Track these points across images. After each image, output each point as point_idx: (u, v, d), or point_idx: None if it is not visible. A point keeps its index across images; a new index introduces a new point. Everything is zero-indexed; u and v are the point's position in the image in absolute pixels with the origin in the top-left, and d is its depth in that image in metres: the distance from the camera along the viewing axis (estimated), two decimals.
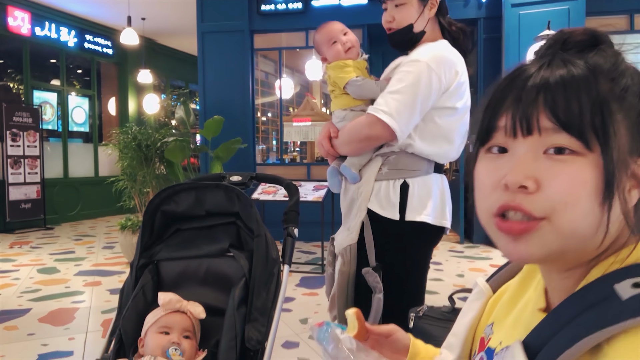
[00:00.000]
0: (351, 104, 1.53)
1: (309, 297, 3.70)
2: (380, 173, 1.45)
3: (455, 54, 1.46)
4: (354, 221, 1.46)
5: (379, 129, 1.37)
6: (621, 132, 0.45)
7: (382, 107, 1.37)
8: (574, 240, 0.46)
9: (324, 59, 1.62)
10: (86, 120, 8.85)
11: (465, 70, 1.47)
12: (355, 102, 1.53)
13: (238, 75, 6.26)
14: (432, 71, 1.37)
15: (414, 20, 1.47)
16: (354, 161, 1.49)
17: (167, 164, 5.07)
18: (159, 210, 1.43)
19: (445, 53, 1.43)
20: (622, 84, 0.48)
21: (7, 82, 7.89)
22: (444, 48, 1.46)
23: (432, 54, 1.41)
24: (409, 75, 1.38)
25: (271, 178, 1.66)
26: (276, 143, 7.87)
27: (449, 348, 0.68)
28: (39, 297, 3.69)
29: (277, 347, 2.70)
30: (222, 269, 1.38)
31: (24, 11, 7.29)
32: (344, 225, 1.52)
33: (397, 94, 1.37)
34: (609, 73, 0.48)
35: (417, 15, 1.47)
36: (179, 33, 8.94)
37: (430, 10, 1.48)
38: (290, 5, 6.16)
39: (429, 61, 1.38)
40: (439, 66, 1.38)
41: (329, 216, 5.14)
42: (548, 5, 5.17)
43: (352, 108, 1.53)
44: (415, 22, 1.48)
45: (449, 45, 1.48)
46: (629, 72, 0.49)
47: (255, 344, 1.21)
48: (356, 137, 1.44)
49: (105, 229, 7.40)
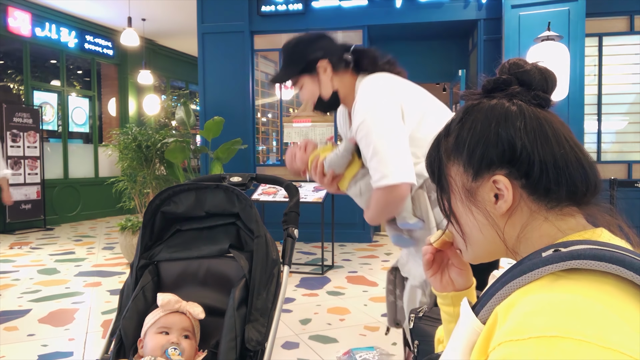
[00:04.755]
0: (351, 175, 1.52)
1: (309, 298, 3.70)
2: (432, 200, 1.43)
3: (379, 79, 1.46)
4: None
5: (395, 192, 1.36)
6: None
7: (379, 175, 1.37)
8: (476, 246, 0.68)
9: (304, 172, 1.62)
10: (86, 121, 8.85)
11: (400, 82, 1.48)
12: (351, 171, 1.52)
13: (238, 76, 6.27)
14: (379, 114, 1.38)
15: (317, 92, 1.52)
16: (404, 214, 1.44)
17: (167, 164, 5.07)
18: (159, 211, 1.43)
19: (373, 92, 1.43)
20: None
21: (8, 83, 7.90)
22: (369, 85, 1.45)
23: (366, 104, 1.41)
24: (370, 136, 1.38)
25: (271, 179, 1.66)
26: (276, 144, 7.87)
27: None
28: (39, 298, 3.69)
29: (277, 347, 2.70)
30: (222, 270, 1.38)
31: (25, 12, 7.30)
32: (419, 258, 1.47)
33: (379, 155, 1.37)
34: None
35: (317, 86, 1.51)
36: (179, 34, 8.94)
37: (325, 72, 1.50)
38: (291, 7, 6.16)
39: (370, 111, 1.39)
40: (378, 106, 1.39)
41: (329, 217, 5.14)
42: (548, 6, 5.17)
43: (355, 178, 1.52)
44: (320, 92, 1.52)
45: (368, 79, 1.47)
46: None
47: (255, 344, 1.21)
48: (386, 209, 1.42)
49: (105, 229, 7.40)
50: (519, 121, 0.61)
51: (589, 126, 5.70)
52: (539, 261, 0.53)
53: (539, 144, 0.60)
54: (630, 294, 0.49)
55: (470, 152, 0.63)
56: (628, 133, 5.82)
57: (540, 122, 0.62)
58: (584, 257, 0.51)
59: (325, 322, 3.13)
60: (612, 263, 0.49)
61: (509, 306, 0.52)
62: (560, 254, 0.53)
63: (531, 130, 0.61)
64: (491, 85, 0.67)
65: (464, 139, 0.64)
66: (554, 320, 0.45)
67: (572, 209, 0.62)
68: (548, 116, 0.63)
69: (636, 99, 5.73)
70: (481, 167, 0.63)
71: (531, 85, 0.65)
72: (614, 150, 5.84)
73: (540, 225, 0.61)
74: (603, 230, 0.60)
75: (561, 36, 4.80)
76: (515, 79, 0.66)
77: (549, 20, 4.82)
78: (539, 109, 0.64)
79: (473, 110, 0.65)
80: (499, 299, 0.55)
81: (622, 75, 5.73)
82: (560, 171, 0.60)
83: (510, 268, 0.58)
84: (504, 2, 5.38)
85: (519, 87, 0.65)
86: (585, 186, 0.61)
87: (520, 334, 0.46)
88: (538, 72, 0.66)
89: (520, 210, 0.62)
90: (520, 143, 0.60)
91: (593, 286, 0.49)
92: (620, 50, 5.73)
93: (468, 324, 0.59)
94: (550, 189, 0.60)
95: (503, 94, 0.65)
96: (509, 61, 0.68)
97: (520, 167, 0.60)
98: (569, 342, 0.43)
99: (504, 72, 0.67)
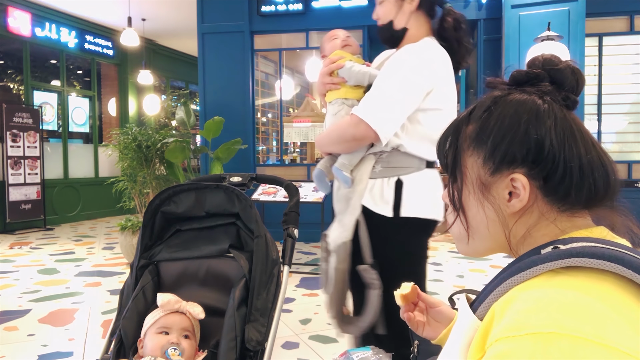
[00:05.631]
0: (345, 95, 1.52)
1: (309, 298, 3.70)
2: (374, 171, 1.45)
3: (440, 54, 1.44)
4: (348, 218, 1.45)
5: (362, 129, 1.36)
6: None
7: (365, 107, 1.37)
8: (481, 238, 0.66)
9: (323, 56, 1.64)
10: (86, 121, 8.85)
11: (450, 69, 1.46)
12: (349, 93, 1.52)
13: (238, 76, 6.27)
14: (414, 73, 1.37)
15: (393, 16, 1.48)
16: (345, 162, 1.46)
17: (167, 164, 5.07)
18: (159, 211, 1.43)
19: (428, 54, 1.41)
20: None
21: (8, 83, 7.90)
22: (428, 48, 1.43)
23: (416, 55, 1.40)
24: (392, 76, 1.38)
25: (271, 179, 1.66)
26: (276, 144, 7.86)
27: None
28: (39, 298, 3.69)
29: (277, 347, 2.70)
30: (222, 270, 1.38)
31: (25, 12, 7.30)
32: (337, 222, 1.51)
33: (380, 94, 1.37)
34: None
35: (396, 11, 1.48)
36: (179, 34, 8.94)
37: (411, 3, 1.47)
38: (291, 7, 6.16)
39: (412, 62, 1.38)
40: (421, 68, 1.38)
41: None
42: (548, 6, 5.17)
43: (344, 100, 1.52)
44: (395, 19, 1.49)
45: (434, 45, 1.45)
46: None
47: (255, 344, 1.21)
48: (343, 137, 1.43)
49: (105, 229, 7.40)
50: (550, 120, 0.59)
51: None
52: (537, 258, 0.53)
53: (567, 146, 0.58)
54: (629, 292, 0.49)
55: (495, 146, 0.60)
56: (628, 133, 5.82)
57: (570, 124, 0.60)
58: (583, 255, 0.50)
59: (325, 322, 3.13)
60: (611, 261, 0.49)
61: (507, 303, 0.51)
62: (559, 252, 0.52)
63: (561, 132, 0.59)
64: (523, 78, 0.64)
65: (490, 131, 0.61)
66: (551, 317, 0.45)
67: (584, 212, 0.60)
68: (576, 119, 0.61)
69: (636, 99, 5.73)
70: (503, 162, 0.60)
71: (563, 85, 0.63)
72: (614, 150, 5.84)
73: (547, 226, 0.60)
74: (604, 228, 0.60)
75: (561, 36, 4.80)
76: (547, 76, 0.63)
77: (549, 20, 4.82)
78: (567, 110, 0.62)
79: (502, 102, 0.62)
80: (496, 296, 0.55)
81: (622, 75, 5.73)
82: (585, 176, 0.58)
83: (508, 265, 0.58)
84: (504, 2, 5.38)
85: (550, 85, 0.63)
86: (605, 193, 0.60)
87: (518, 330, 0.46)
88: (571, 72, 0.63)
89: (531, 211, 0.60)
90: (549, 144, 0.58)
91: (591, 284, 0.49)
92: (620, 50, 5.73)
93: (466, 321, 0.59)
94: (570, 194, 0.58)
95: (534, 89, 0.62)
96: (542, 55, 0.65)
97: (543, 168, 0.58)
98: (566, 339, 0.43)
99: (536, 66, 0.64)
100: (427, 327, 0.89)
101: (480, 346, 0.53)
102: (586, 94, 5.43)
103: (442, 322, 0.88)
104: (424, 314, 0.90)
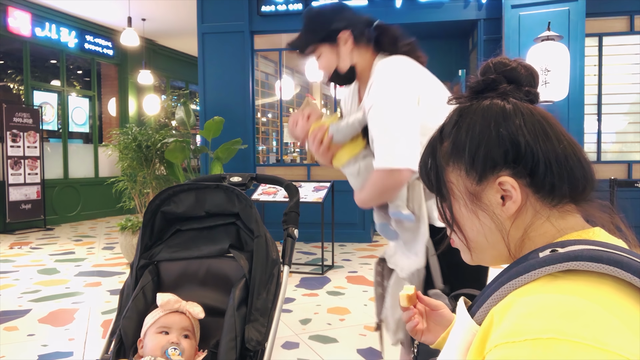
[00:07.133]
0: (352, 153, 1.50)
1: (309, 298, 3.70)
2: (427, 192, 1.41)
3: (400, 61, 1.43)
4: (420, 245, 1.42)
5: (396, 176, 1.35)
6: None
7: (385, 156, 1.35)
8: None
9: (302, 144, 1.62)
10: (86, 121, 8.85)
11: (417, 67, 1.44)
12: (354, 149, 1.50)
13: (238, 76, 6.26)
14: (399, 95, 1.36)
15: (336, 63, 1.49)
16: (397, 202, 1.42)
17: (167, 164, 5.07)
18: (159, 211, 1.43)
19: (394, 70, 1.40)
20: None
21: (8, 83, 7.90)
22: (389, 65, 1.42)
23: (386, 79, 1.39)
24: (385, 112, 1.36)
25: (271, 179, 1.66)
26: (276, 144, 7.87)
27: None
28: (39, 298, 3.69)
29: (277, 347, 2.70)
30: (222, 270, 1.38)
31: (25, 12, 7.30)
32: (407, 250, 1.48)
33: (388, 136, 1.35)
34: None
35: (335, 58, 1.48)
36: (179, 34, 8.94)
37: (346, 44, 1.46)
38: (291, 7, 6.16)
39: (390, 88, 1.37)
40: (399, 86, 1.37)
41: (329, 217, 5.14)
42: (548, 6, 5.17)
43: (355, 157, 1.50)
44: (339, 64, 1.49)
45: (391, 60, 1.44)
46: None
47: (255, 344, 1.21)
48: (382, 191, 1.40)
49: (105, 229, 7.40)
50: (518, 119, 0.61)
51: (589, 126, 5.70)
52: (536, 262, 0.53)
53: (541, 140, 0.60)
54: (628, 295, 0.48)
55: (473, 155, 0.62)
56: (628, 133, 5.82)
57: (538, 118, 0.61)
58: (581, 258, 0.50)
59: (325, 322, 3.13)
60: (610, 264, 0.49)
61: (505, 308, 0.51)
62: (557, 255, 0.52)
63: (531, 127, 0.60)
64: (481, 87, 0.66)
65: (463, 142, 0.63)
66: (550, 322, 0.45)
67: (572, 206, 0.61)
68: (542, 112, 0.63)
69: (636, 99, 5.73)
70: (485, 168, 0.61)
71: (520, 82, 0.64)
72: (614, 150, 5.84)
73: (542, 225, 0.61)
74: (600, 229, 0.60)
75: (561, 36, 4.80)
76: (503, 78, 0.65)
77: (549, 20, 4.81)
78: (531, 105, 0.63)
79: (467, 113, 0.64)
80: (495, 300, 0.55)
81: (622, 75, 5.73)
82: (562, 166, 0.60)
83: (506, 268, 0.57)
84: (504, 2, 5.38)
85: (508, 85, 0.64)
86: (584, 181, 0.61)
87: (517, 336, 0.46)
88: (524, 68, 0.65)
89: (526, 210, 0.61)
90: (524, 140, 0.59)
91: (590, 288, 0.49)
92: (620, 50, 5.73)
93: (464, 325, 0.59)
94: (555, 185, 0.60)
95: (495, 94, 0.64)
96: (492, 61, 0.67)
97: (525, 164, 0.59)
98: (565, 344, 0.43)
99: (489, 72, 0.66)
100: (427, 332, 0.90)
101: (479, 351, 0.53)
102: (586, 94, 5.43)
103: (443, 325, 0.88)
104: (423, 318, 0.90)
